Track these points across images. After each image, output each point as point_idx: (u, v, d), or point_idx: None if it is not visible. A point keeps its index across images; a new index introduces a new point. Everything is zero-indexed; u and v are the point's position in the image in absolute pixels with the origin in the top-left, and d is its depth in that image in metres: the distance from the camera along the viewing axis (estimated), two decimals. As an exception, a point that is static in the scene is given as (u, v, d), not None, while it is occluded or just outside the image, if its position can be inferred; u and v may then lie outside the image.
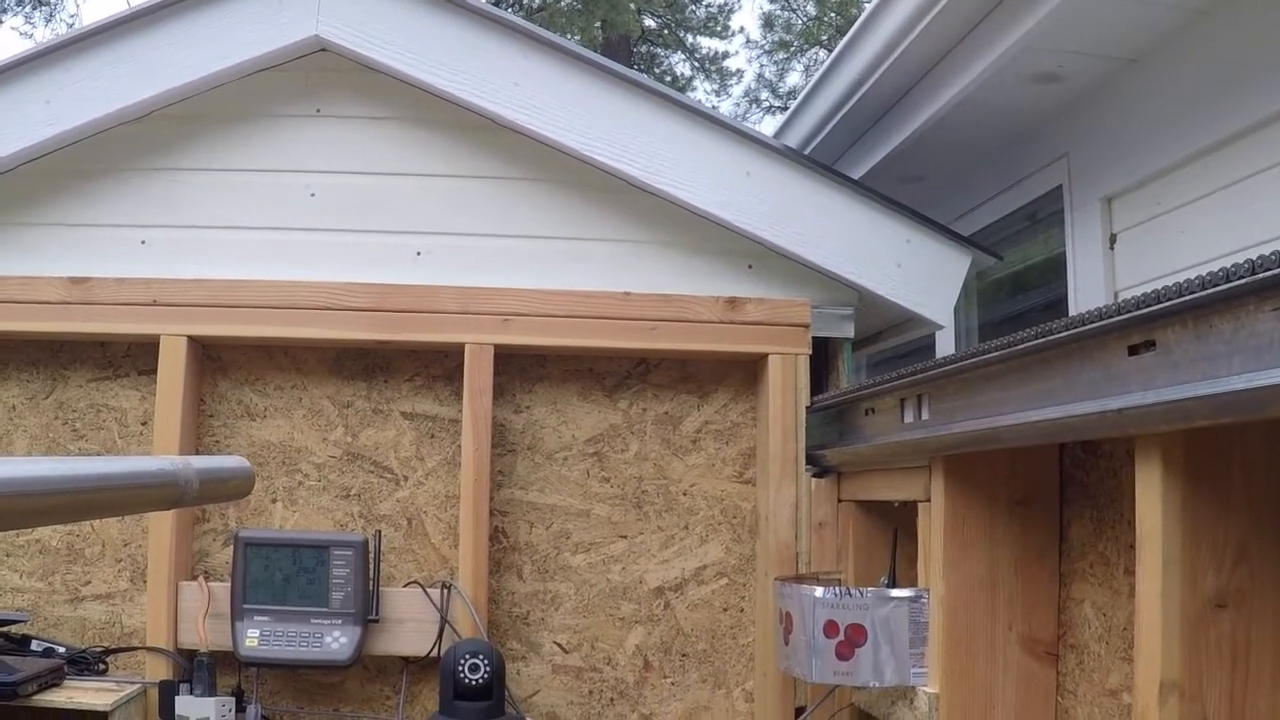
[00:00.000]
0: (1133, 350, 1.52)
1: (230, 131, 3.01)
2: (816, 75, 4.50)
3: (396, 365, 3.03)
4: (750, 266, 3.05)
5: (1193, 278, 1.37)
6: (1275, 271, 1.23)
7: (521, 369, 3.04)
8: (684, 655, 3.00)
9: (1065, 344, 1.66)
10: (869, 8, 3.81)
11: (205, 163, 3.00)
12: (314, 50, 2.98)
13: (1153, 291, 1.45)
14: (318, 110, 3.03)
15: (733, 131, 3.02)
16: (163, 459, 1.27)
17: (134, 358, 2.98)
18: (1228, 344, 1.33)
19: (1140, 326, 1.49)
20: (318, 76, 3.02)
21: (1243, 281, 1.28)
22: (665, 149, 2.97)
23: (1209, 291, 1.34)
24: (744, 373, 3.08)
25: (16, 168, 2.94)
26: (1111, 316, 1.53)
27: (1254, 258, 1.27)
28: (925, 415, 2.19)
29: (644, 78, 3.10)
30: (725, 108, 19.91)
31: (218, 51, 2.90)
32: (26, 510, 0.92)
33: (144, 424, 2.96)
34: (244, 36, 2.90)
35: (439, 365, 3.02)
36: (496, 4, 17.00)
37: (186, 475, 1.25)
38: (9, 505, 0.86)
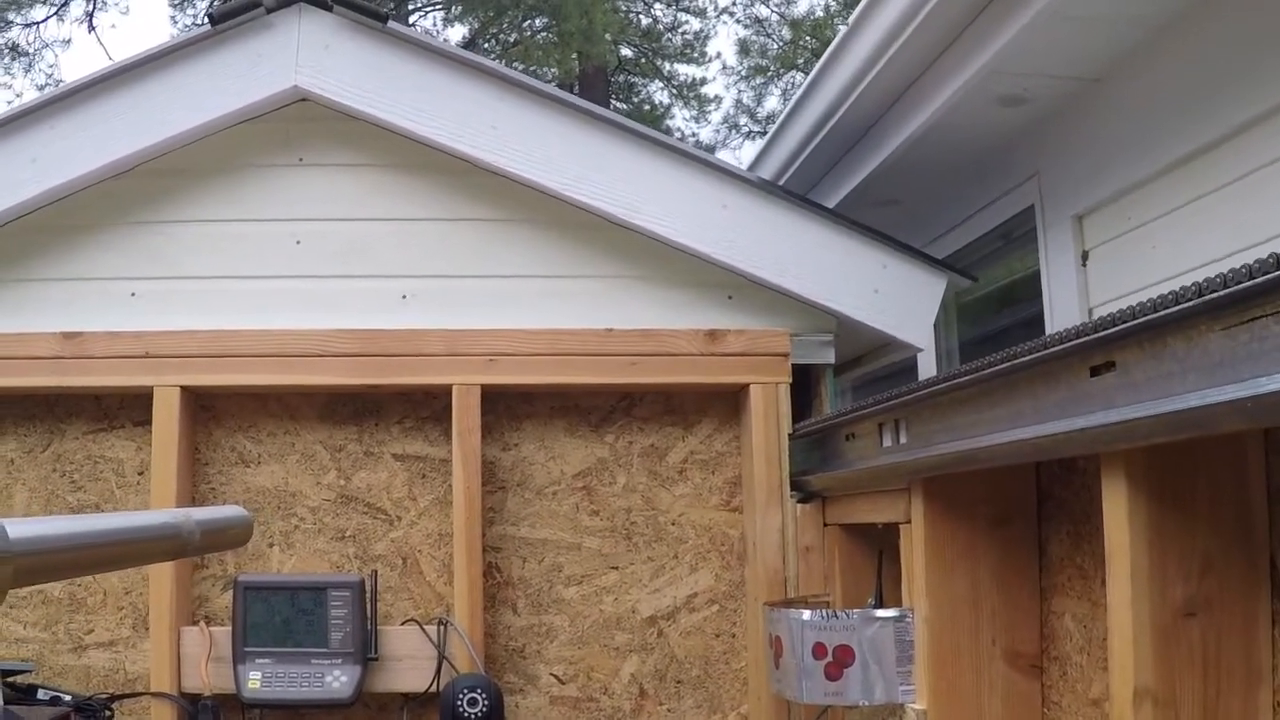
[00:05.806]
0: (1094, 371, 1.57)
1: (215, 183, 3.06)
2: (790, 104, 4.58)
3: (386, 408, 3.08)
4: (730, 297, 3.11)
5: (1146, 300, 1.44)
6: (1222, 293, 1.29)
7: (509, 407, 3.09)
8: (679, 682, 3.04)
9: (1032, 366, 1.72)
10: (837, 39, 3.89)
11: (191, 215, 3.05)
12: (294, 100, 3.03)
13: (1112, 314, 1.51)
14: (300, 159, 3.08)
15: (707, 166, 3.08)
16: (164, 512, 1.33)
17: (128, 409, 3.03)
18: (1181, 363, 1.39)
19: (1101, 348, 1.55)
20: (299, 126, 3.07)
21: (1192, 303, 1.34)
22: (642, 186, 3.02)
23: (1162, 313, 1.40)
24: (726, 403, 3.13)
25: (4, 225, 2.98)
26: (1074, 339, 1.59)
27: (1201, 280, 1.33)
28: (903, 439, 2.25)
29: (618, 115, 3.15)
30: (705, 134, 20.02)
31: (201, 105, 2.95)
32: (42, 568, 0.97)
33: (140, 474, 3.00)
34: (225, 90, 2.95)
35: (427, 407, 3.07)
36: (475, 39, 17.13)
37: (188, 527, 1.30)
38: (31, 564, 0.92)
